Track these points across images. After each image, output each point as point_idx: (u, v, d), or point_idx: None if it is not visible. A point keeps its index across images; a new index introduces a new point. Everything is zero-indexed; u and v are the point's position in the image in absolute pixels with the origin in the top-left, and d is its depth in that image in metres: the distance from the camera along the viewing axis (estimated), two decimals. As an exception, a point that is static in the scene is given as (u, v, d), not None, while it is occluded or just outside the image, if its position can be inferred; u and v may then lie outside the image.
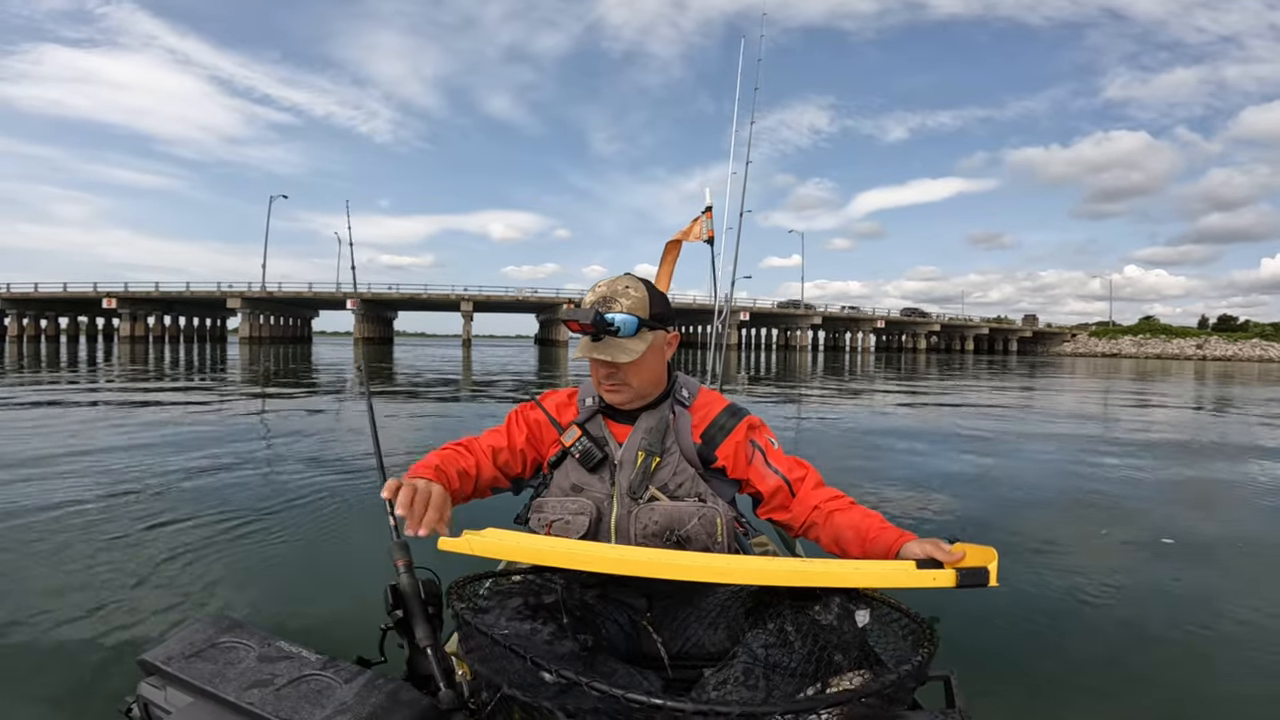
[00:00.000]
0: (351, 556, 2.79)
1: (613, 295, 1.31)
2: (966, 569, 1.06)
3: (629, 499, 1.30)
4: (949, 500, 3.93)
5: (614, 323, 1.28)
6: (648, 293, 1.34)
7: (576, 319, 1.27)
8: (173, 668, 0.78)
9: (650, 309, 1.32)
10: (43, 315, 49.05)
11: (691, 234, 3.98)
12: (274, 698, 0.74)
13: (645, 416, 1.37)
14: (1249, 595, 2.48)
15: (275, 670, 0.79)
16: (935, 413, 9.65)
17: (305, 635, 1.77)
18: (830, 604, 1.09)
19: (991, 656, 1.95)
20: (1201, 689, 1.85)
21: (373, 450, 1.40)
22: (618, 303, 1.30)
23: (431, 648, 0.94)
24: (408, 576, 1.01)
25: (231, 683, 0.76)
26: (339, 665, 0.81)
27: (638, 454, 1.32)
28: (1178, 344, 63.18)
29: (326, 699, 0.76)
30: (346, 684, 0.79)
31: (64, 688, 1.69)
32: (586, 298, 1.35)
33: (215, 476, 4.09)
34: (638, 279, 1.37)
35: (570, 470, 1.35)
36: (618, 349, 1.29)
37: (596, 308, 1.29)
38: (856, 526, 1.24)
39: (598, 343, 1.29)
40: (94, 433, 5.77)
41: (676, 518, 1.28)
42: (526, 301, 55.38)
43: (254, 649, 0.82)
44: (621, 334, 1.28)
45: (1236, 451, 6.19)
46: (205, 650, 0.81)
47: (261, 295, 48.82)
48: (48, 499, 3.40)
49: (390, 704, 0.78)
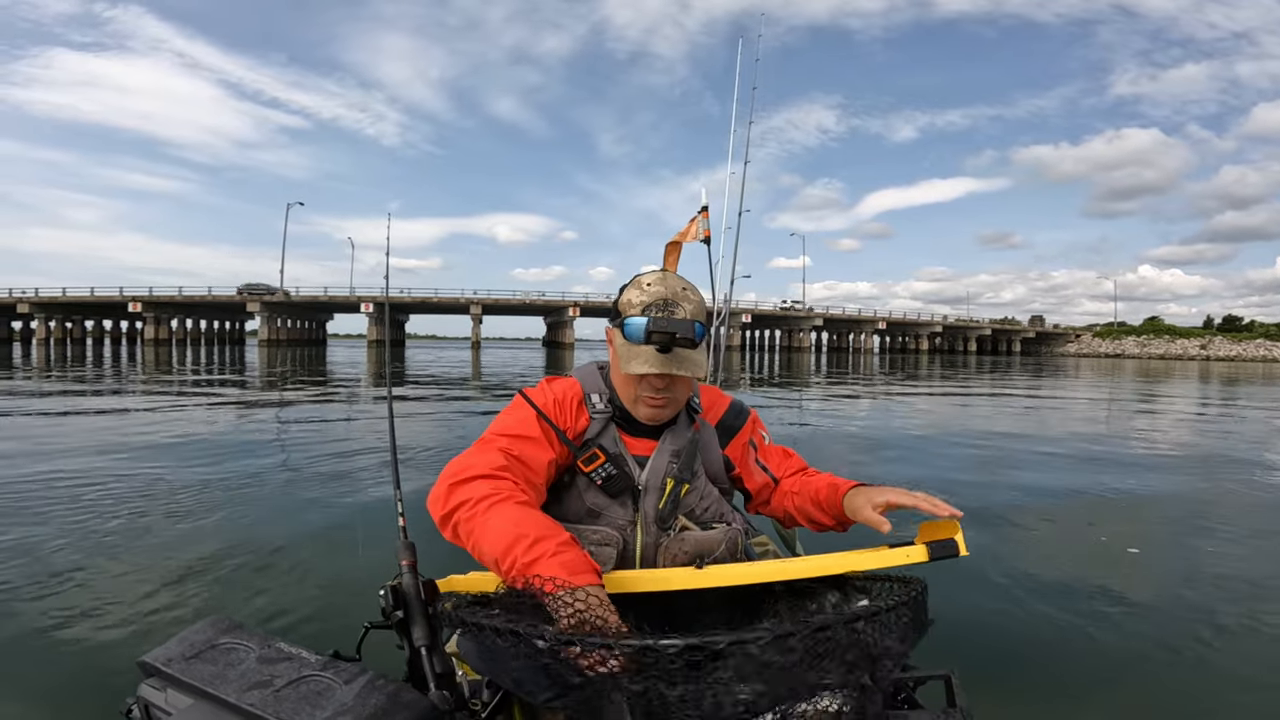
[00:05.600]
0: (359, 556, 2.78)
1: (674, 299, 1.14)
2: (936, 542, 1.07)
3: (655, 528, 1.19)
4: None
5: (696, 334, 1.12)
6: (700, 293, 1.20)
7: (672, 330, 1.10)
8: (173, 669, 0.78)
9: (706, 312, 1.19)
10: (69, 318, 50.37)
11: (689, 234, 3.98)
12: (274, 699, 0.74)
13: (670, 435, 1.23)
14: (1251, 599, 2.46)
15: (275, 671, 0.79)
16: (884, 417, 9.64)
17: (306, 636, 1.77)
18: (824, 601, 1.08)
19: (992, 656, 1.94)
20: (1204, 687, 1.85)
21: (388, 448, 1.37)
22: (681, 307, 1.14)
23: (431, 648, 0.94)
24: (410, 576, 1.01)
25: (232, 684, 0.76)
26: (339, 666, 0.81)
27: (666, 480, 1.18)
28: (1182, 344, 63.07)
29: (327, 700, 0.76)
30: (347, 685, 0.79)
31: (65, 689, 1.69)
32: (630, 295, 1.17)
33: (225, 475, 4.10)
34: (682, 277, 1.22)
35: (585, 490, 1.19)
36: (692, 363, 1.13)
37: (672, 312, 1.12)
38: (814, 497, 1.21)
39: (668, 355, 1.11)
40: (120, 431, 5.79)
41: (706, 546, 1.18)
42: (534, 305, 55.73)
43: (254, 650, 0.82)
44: (695, 344, 1.12)
45: (1242, 461, 6.17)
46: (205, 651, 0.81)
47: (280, 299, 50.28)
48: (61, 498, 3.41)
49: (391, 705, 0.77)
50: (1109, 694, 1.79)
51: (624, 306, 1.17)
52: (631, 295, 1.17)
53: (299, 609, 2.23)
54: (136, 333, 53.81)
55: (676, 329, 1.10)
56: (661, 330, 1.10)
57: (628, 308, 1.16)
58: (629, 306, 1.16)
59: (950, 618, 1.09)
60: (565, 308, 52.73)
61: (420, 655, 0.93)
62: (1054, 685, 1.84)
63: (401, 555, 1.04)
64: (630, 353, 1.14)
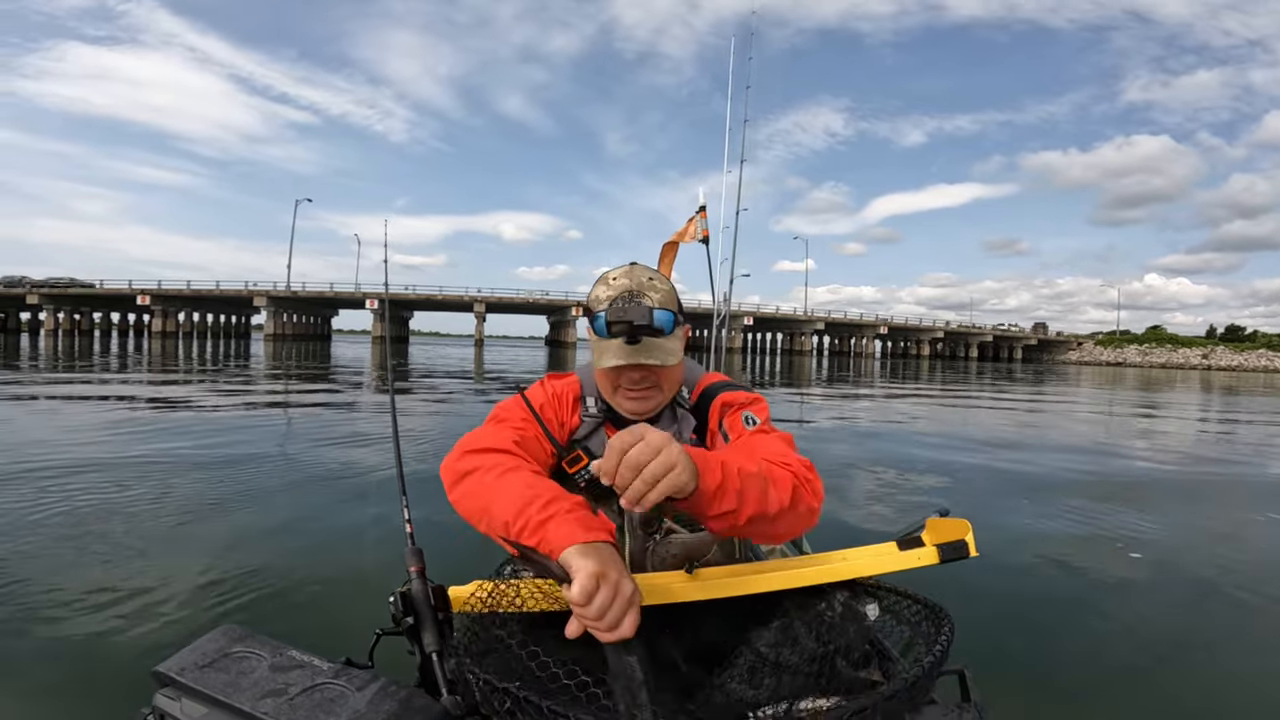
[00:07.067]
0: (364, 561, 2.78)
1: (639, 289, 1.14)
2: (946, 544, 1.06)
3: (641, 531, 1.18)
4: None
5: (659, 321, 1.10)
6: (670, 283, 1.19)
7: (629, 318, 1.09)
8: (187, 679, 0.78)
9: (677, 301, 1.18)
10: (77, 310, 50.66)
11: (687, 234, 3.97)
12: (288, 707, 0.74)
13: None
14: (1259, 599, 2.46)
15: (288, 679, 0.79)
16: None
17: (316, 644, 1.77)
18: (834, 600, 1.07)
19: (1006, 651, 1.96)
20: (1216, 685, 1.86)
21: (392, 447, 1.37)
22: (647, 296, 1.14)
23: (442, 654, 0.94)
24: (419, 582, 1.01)
25: (245, 693, 0.76)
26: (351, 673, 0.81)
27: None
28: (1183, 354, 63.00)
29: (340, 707, 0.76)
30: (359, 692, 0.79)
31: (77, 697, 1.68)
32: (598, 291, 1.18)
33: (231, 473, 4.10)
34: (648, 267, 1.22)
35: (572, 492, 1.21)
36: (662, 351, 1.12)
37: (637, 303, 1.11)
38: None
39: (637, 345, 1.10)
40: (127, 429, 5.80)
41: (696, 548, 1.17)
42: (537, 303, 55.82)
43: (266, 658, 0.82)
44: (663, 333, 1.12)
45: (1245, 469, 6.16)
46: (218, 660, 0.81)
47: (286, 294, 50.59)
48: (65, 499, 3.41)
49: (403, 711, 0.78)
50: (1117, 692, 1.80)
51: (592, 303, 1.17)
52: (599, 291, 1.17)
53: (309, 616, 2.22)
54: (144, 325, 54.24)
55: (634, 316, 1.08)
56: (619, 319, 1.09)
57: (595, 304, 1.16)
58: (596, 302, 1.16)
59: (964, 613, 1.08)
60: (568, 307, 52.81)
61: (431, 661, 0.93)
62: (1069, 681, 1.85)
63: (410, 561, 1.04)
64: (601, 348, 1.14)
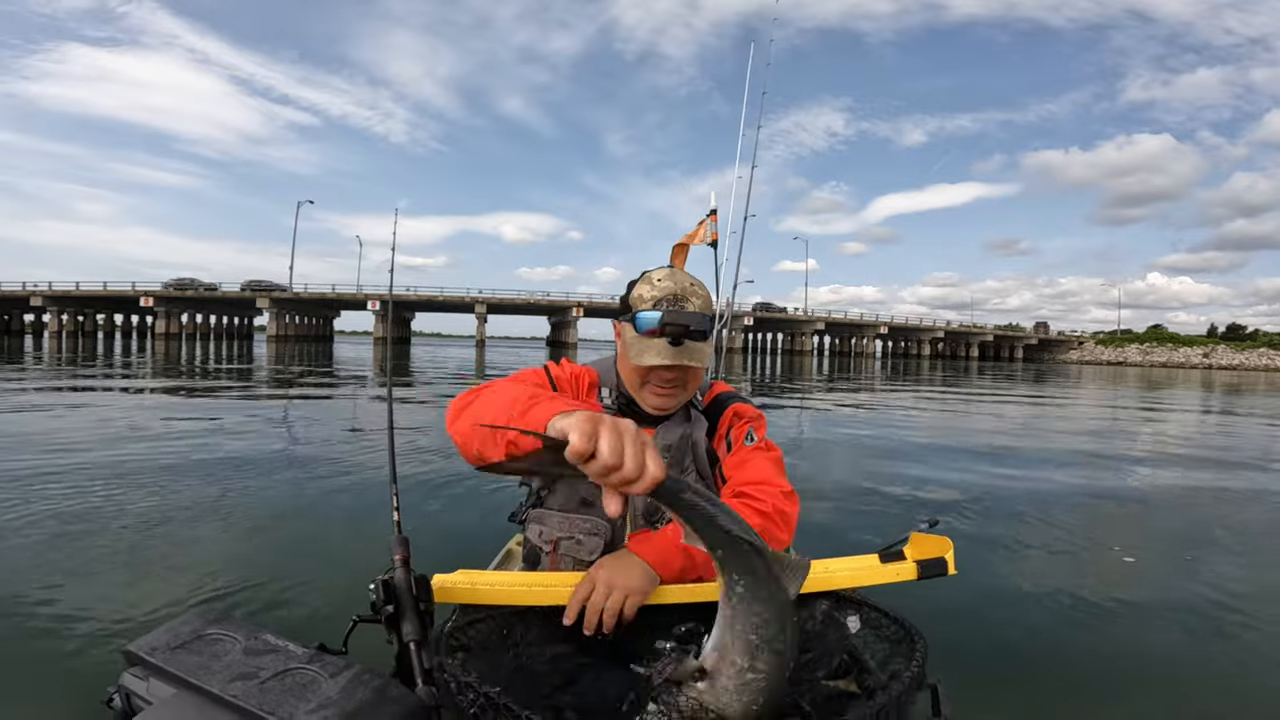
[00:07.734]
0: (350, 548, 2.77)
1: (683, 294, 1.20)
2: (926, 561, 1.08)
3: (643, 521, 1.22)
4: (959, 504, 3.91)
5: (706, 326, 1.17)
6: (707, 289, 1.25)
7: (684, 323, 1.15)
8: (157, 659, 0.77)
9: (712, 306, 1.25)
10: (81, 312, 50.80)
11: (697, 237, 3.97)
12: (258, 691, 0.73)
13: (666, 428, 1.27)
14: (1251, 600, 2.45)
15: (261, 663, 0.78)
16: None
17: (293, 628, 1.76)
18: (815, 610, 1.08)
19: (978, 664, 1.92)
20: (1195, 695, 1.83)
21: (385, 445, 1.38)
22: (689, 301, 1.19)
23: (421, 644, 0.93)
24: (402, 571, 1.00)
25: (216, 675, 0.75)
26: (325, 659, 0.80)
27: None
28: (1184, 353, 62.98)
29: (311, 693, 0.75)
30: (332, 678, 0.78)
31: (46, 676, 1.67)
32: (641, 290, 1.23)
33: (228, 468, 4.09)
34: (687, 272, 1.27)
35: (577, 479, 1.24)
36: (701, 354, 1.18)
37: (683, 306, 1.18)
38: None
39: (680, 347, 1.16)
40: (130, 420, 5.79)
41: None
42: (538, 304, 55.92)
43: (240, 641, 0.81)
44: (705, 336, 1.18)
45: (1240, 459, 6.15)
46: (191, 642, 0.80)
47: (288, 296, 50.93)
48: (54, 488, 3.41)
49: (377, 700, 0.76)
50: (1096, 704, 1.77)
51: (635, 301, 1.22)
52: (643, 290, 1.22)
53: (287, 601, 2.20)
54: (147, 327, 54.41)
55: (690, 321, 1.15)
56: (675, 323, 1.15)
57: (639, 302, 1.21)
58: (640, 301, 1.21)
59: (936, 625, 1.08)
60: (569, 308, 52.85)
61: (409, 650, 0.92)
62: (1042, 694, 1.82)
63: (395, 549, 1.03)
64: (641, 345, 1.18)
